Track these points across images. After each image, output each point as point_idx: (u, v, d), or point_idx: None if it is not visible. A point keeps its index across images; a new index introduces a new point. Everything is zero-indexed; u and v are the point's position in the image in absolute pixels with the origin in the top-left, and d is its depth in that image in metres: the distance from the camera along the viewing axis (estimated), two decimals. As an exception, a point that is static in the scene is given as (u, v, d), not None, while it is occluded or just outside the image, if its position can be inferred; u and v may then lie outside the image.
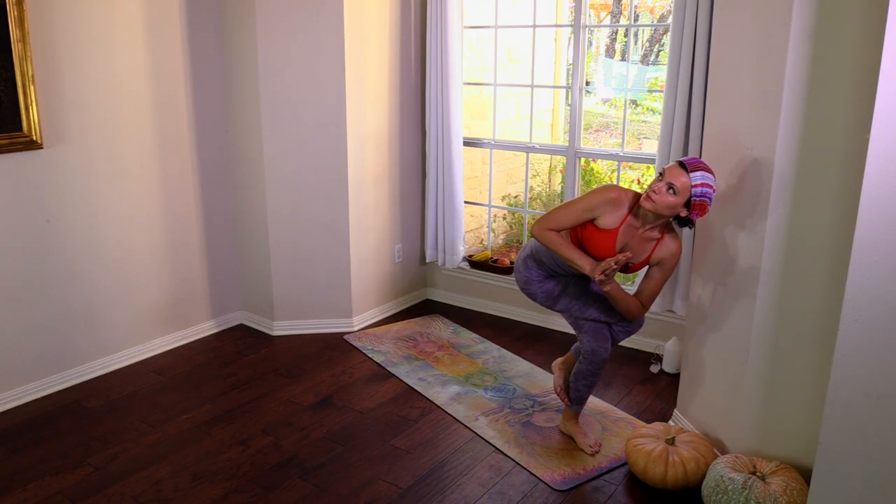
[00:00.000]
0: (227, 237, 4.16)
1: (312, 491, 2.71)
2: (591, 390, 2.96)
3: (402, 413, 3.28)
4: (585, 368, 2.88)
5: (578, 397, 2.98)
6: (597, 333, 2.85)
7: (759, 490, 2.38)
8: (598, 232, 2.64)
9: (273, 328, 4.14)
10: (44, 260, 3.33)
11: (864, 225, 1.77)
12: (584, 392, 2.96)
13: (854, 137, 2.21)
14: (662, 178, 2.48)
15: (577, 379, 2.93)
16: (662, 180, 2.48)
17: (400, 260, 4.50)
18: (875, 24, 2.09)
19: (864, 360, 1.83)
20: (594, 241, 2.66)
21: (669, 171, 2.49)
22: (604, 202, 2.61)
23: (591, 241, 2.66)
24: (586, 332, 2.86)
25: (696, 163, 2.48)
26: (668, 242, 2.66)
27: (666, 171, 2.49)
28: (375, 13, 3.97)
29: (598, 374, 2.90)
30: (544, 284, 2.88)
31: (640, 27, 6.59)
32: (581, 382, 2.93)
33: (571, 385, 2.98)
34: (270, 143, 3.88)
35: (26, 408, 3.29)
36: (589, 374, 2.89)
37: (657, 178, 2.51)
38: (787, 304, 2.50)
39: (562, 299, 2.88)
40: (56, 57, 3.22)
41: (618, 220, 2.62)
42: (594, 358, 2.84)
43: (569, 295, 2.87)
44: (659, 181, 2.49)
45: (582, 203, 2.64)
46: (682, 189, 2.46)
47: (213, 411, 3.28)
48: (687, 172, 2.45)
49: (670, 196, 2.47)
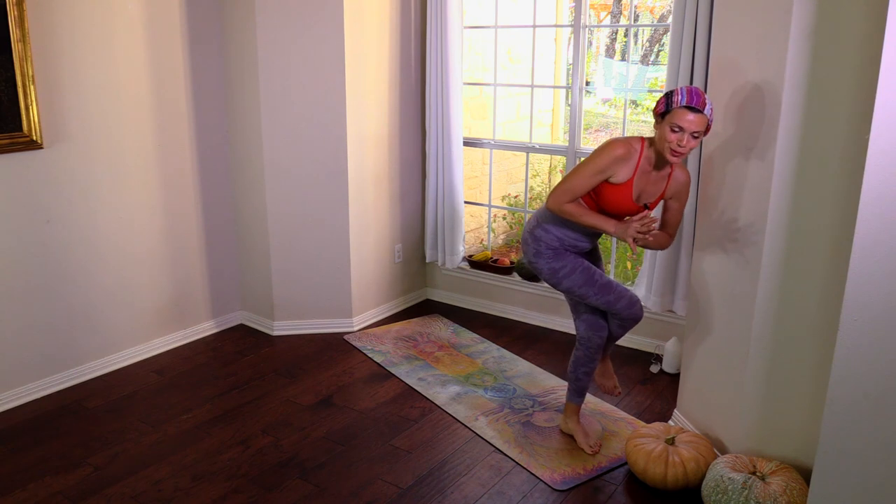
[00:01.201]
0: (227, 237, 4.16)
1: (312, 491, 2.71)
2: (590, 378, 2.99)
3: (402, 413, 3.28)
4: (583, 354, 2.93)
5: (580, 387, 3.00)
6: (593, 322, 2.89)
7: (759, 490, 2.38)
8: (613, 188, 2.61)
9: (273, 328, 4.14)
10: (44, 260, 3.33)
11: (864, 225, 1.77)
12: (584, 380, 2.98)
13: (854, 137, 2.21)
14: (683, 130, 2.42)
15: (577, 367, 2.97)
16: (683, 132, 2.42)
17: (400, 260, 4.50)
18: (875, 24, 2.09)
19: (864, 360, 1.83)
20: (611, 197, 2.63)
21: (687, 121, 2.41)
22: (613, 161, 2.57)
23: (608, 197, 2.63)
24: (584, 319, 2.91)
25: (699, 96, 2.42)
26: (678, 175, 2.67)
27: (683, 123, 2.41)
28: (375, 13, 3.97)
29: (595, 360, 2.93)
30: (552, 262, 2.80)
31: (640, 27, 6.59)
32: (581, 370, 2.96)
33: (571, 375, 3.00)
34: (270, 143, 3.88)
35: (26, 408, 3.29)
36: (587, 360, 2.93)
37: (673, 129, 2.43)
38: (787, 304, 2.50)
39: (566, 281, 2.80)
40: (56, 57, 3.22)
41: (630, 171, 2.59)
42: (589, 344, 2.90)
43: (574, 279, 2.79)
44: (677, 132, 2.43)
45: (591, 167, 2.59)
46: (703, 128, 2.45)
47: (213, 411, 3.28)
48: (702, 111, 2.42)
49: (696, 141, 2.46)
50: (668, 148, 2.47)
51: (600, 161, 2.58)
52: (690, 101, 2.41)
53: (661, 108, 2.49)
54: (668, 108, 2.46)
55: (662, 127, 2.48)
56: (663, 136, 2.47)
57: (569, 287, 2.81)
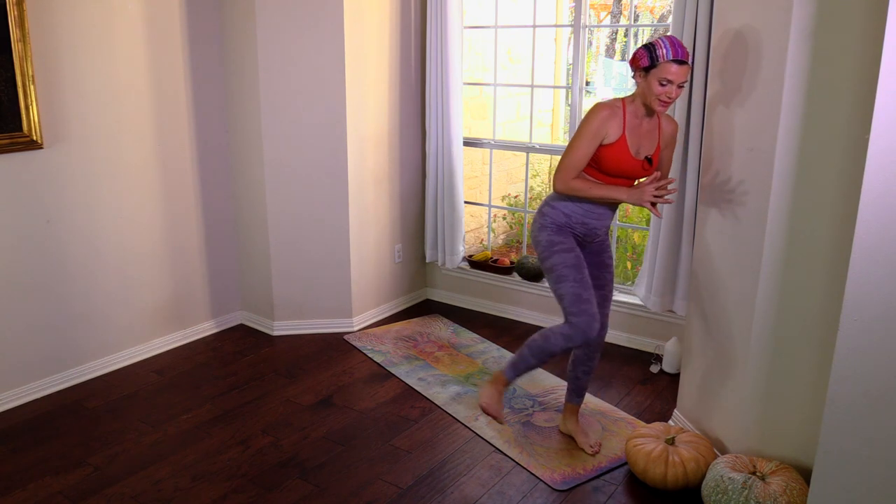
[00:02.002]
0: (227, 237, 4.16)
1: (312, 491, 2.71)
2: (589, 377, 3.00)
3: (402, 413, 3.28)
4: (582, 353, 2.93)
5: (578, 387, 3.01)
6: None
7: (759, 490, 2.38)
8: (609, 148, 2.62)
9: (273, 328, 4.14)
10: (44, 260, 3.33)
11: (864, 225, 1.77)
12: (583, 380, 2.99)
13: (854, 137, 2.21)
14: (671, 84, 2.48)
15: (576, 366, 2.98)
16: (672, 84, 2.48)
17: (400, 260, 4.50)
18: (875, 24, 2.09)
19: (864, 360, 1.83)
20: (610, 158, 2.63)
21: (675, 73, 2.47)
22: (601, 122, 2.59)
23: (608, 159, 2.63)
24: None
25: (682, 47, 2.48)
26: (666, 126, 2.72)
27: (672, 76, 2.47)
28: (375, 13, 3.97)
29: (594, 359, 2.94)
30: (553, 235, 2.73)
31: (640, 27, 6.58)
32: (580, 369, 2.97)
33: (570, 375, 3.01)
34: (270, 143, 3.88)
35: (26, 408, 3.29)
36: (586, 359, 2.94)
37: (661, 83, 2.48)
38: (787, 304, 2.50)
39: (557, 256, 2.71)
40: (56, 57, 3.22)
41: (619, 127, 2.61)
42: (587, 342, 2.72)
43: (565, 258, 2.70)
44: (665, 85, 2.48)
45: (583, 135, 2.61)
46: (688, 77, 2.53)
47: (213, 411, 3.28)
48: (687, 62, 2.49)
49: (682, 90, 2.54)
50: (657, 100, 2.53)
51: (589, 126, 2.60)
52: (676, 54, 2.47)
53: (644, 63, 2.52)
54: (652, 62, 2.49)
55: (648, 80, 2.52)
56: (650, 88, 2.52)
57: (555, 264, 2.70)
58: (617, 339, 4.02)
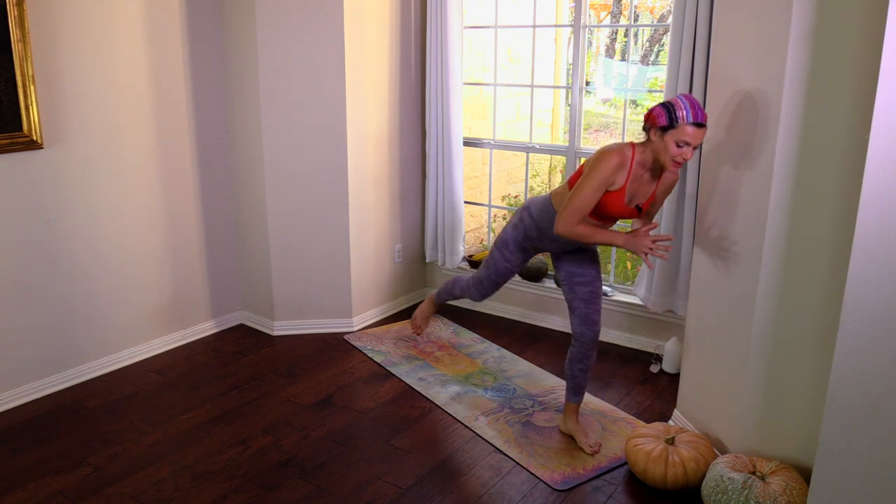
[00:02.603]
0: (227, 237, 4.16)
1: (312, 491, 2.71)
2: (587, 376, 2.99)
3: (402, 413, 3.28)
4: (577, 351, 2.95)
5: (576, 385, 3.01)
6: (585, 317, 2.90)
7: (758, 490, 2.38)
8: (609, 195, 2.64)
9: (273, 328, 4.14)
10: (44, 260, 3.33)
11: (864, 225, 1.77)
12: (580, 378, 2.99)
13: (854, 137, 2.21)
14: (689, 145, 2.46)
15: (572, 364, 2.98)
16: (689, 146, 2.46)
17: (400, 260, 4.50)
18: (875, 24, 2.09)
19: (864, 360, 1.83)
20: (605, 203, 2.66)
21: (693, 136, 2.45)
22: (612, 172, 2.59)
23: (604, 204, 2.66)
24: (577, 315, 2.92)
25: (701, 110, 2.47)
26: (668, 176, 2.71)
27: (690, 139, 2.45)
28: (375, 13, 3.97)
29: (590, 357, 2.95)
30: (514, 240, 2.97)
31: (640, 27, 6.58)
32: (577, 367, 2.97)
33: (567, 373, 3.02)
34: (270, 143, 3.88)
35: (26, 408, 3.29)
36: (582, 357, 2.95)
37: (679, 145, 2.46)
38: (787, 304, 2.50)
39: (498, 252, 3.02)
40: (56, 57, 3.22)
41: (624, 177, 2.62)
42: (583, 339, 2.92)
43: (500, 257, 3.02)
44: (682, 147, 2.46)
45: (592, 183, 2.59)
46: (703, 138, 2.53)
47: (213, 411, 3.28)
48: (705, 125, 2.48)
49: (695, 150, 2.54)
50: (672, 161, 2.50)
51: (600, 175, 2.58)
52: (696, 117, 2.44)
53: (662, 122, 2.48)
54: (671, 123, 2.46)
55: (665, 140, 2.49)
56: (666, 148, 2.49)
57: (496, 258, 3.04)
58: (617, 339, 4.02)
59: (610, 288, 4.07)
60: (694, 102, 2.46)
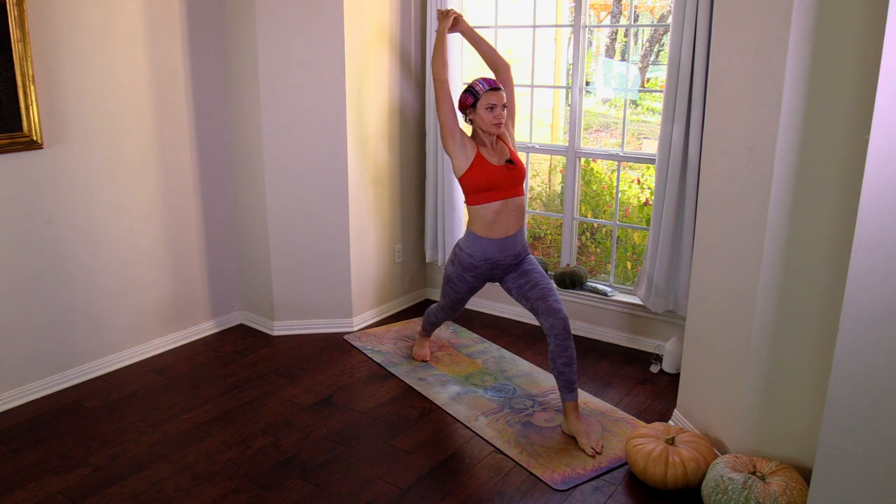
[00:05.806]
0: (227, 237, 4.16)
1: (312, 491, 2.71)
2: (572, 368, 3.01)
3: (402, 413, 3.28)
4: (554, 345, 3.03)
5: (566, 381, 3.02)
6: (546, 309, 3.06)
7: (759, 490, 2.38)
8: (471, 169, 3.05)
9: (273, 328, 4.14)
10: (44, 260, 3.33)
11: (864, 225, 1.78)
12: (567, 372, 3.01)
13: (854, 137, 2.21)
14: (496, 107, 3.00)
15: (554, 360, 3.02)
16: (496, 108, 3.01)
17: (400, 260, 4.50)
18: (875, 24, 2.09)
19: (864, 360, 1.83)
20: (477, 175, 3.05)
21: (496, 97, 3.01)
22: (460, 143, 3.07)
23: (475, 177, 3.05)
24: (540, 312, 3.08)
25: (494, 80, 3.09)
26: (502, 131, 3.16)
27: (494, 99, 3.00)
28: (375, 13, 3.97)
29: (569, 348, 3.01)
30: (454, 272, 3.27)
31: (640, 27, 6.58)
32: (559, 361, 3.01)
33: (553, 372, 3.05)
34: (270, 143, 3.88)
35: (26, 408, 3.29)
36: (561, 350, 3.00)
37: (488, 108, 3.00)
38: (788, 304, 2.50)
39: (448, 286, 3.35)
40: (56, 57, 3.22)
41: (473, 148, 3.08)
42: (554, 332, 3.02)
43: (451, 290, 3.33)
44: (492, 110, 3.00)
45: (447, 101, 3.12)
46: (504, 100, 3.06)
47: (213, 411, 3.28)
48: (500, 88, 3.04)
49: (506, 111, 3.06)
50: (491, 123, 3.03)
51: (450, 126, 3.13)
52: (489, 84, 3.04)
53: (469, 101, 3.05)
54: (475, 96, 3.02)
55: (478, 112, 3.04)
56: (483, 117, 3.03)
57: (444, 278, 3.37)
58: (617, 339, 4.02)
59: (610, 288, 4.07)
60: (484, 77, 3.08)
